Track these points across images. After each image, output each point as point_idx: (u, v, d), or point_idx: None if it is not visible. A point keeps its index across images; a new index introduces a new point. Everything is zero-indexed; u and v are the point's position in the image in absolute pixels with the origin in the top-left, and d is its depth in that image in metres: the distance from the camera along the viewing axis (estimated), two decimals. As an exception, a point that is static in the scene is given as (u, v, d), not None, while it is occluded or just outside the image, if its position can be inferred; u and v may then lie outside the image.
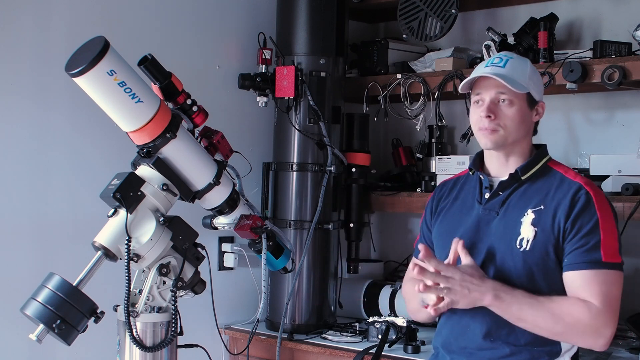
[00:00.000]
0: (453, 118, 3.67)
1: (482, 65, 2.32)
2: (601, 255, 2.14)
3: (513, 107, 2.25)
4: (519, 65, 2.28)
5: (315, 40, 3.41)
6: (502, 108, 2.25)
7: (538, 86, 2.31)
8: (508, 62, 2.27)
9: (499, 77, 2.22)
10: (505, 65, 2.26)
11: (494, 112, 2.24)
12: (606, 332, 2.13)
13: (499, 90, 2.24)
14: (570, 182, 2.23)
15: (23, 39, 2.93)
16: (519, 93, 2.24)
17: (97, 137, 3.05)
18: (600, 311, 2.11)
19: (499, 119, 2.24)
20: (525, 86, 2.25)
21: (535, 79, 2.30)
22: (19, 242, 2.91)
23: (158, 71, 2.26)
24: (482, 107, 2.26)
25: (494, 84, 2.24)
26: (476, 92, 2.30)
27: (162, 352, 2.18)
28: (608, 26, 3.30)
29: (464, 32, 3.70)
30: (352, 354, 3.06)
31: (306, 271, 3.41)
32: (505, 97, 2.25)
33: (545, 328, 2.15)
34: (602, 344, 2.14)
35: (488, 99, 2.26)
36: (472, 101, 2.32)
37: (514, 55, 2.34)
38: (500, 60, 2.28)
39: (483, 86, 2.28)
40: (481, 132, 2.27)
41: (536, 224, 2.20)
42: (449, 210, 2.40)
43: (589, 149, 3.26)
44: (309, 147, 3.41)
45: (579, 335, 2.15)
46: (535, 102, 2.30)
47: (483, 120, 2.25)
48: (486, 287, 2.12)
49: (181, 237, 2.23)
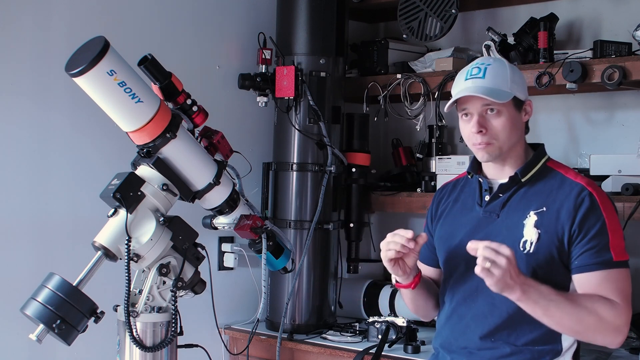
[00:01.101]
0: (453, 118, 3.66)
1: (461, 78, 2.27)
2: (612, 255, 2.14)
3: (502, 116, 2.21)
4: (498, 71, 2.23)
5: (315, 40, 3.41)
6: (491, 119, 2.21)
7: (521, 86, 2.27)
8: (487, 71, 2.22)
9: (482, 90, 2.18)
10: (485, 75, 2.21)
11: (484, 125, 2.21)
12: (625, 330, 2.13)
13: (485, 103, 2.21)
14: (571, 183, 2.22)
15: (23, 39, 2.93)
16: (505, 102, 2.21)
17: (97, 137, 3.05)
18: (622, 308, 2.12)
19: (490, 131, 2.21)
20: (509, 91, 2.21)
21: (517, 79, 2.25)
22: (19, 242, 2.91)
23: (158, 71, 2.26)
24: (472, 122, 2.23)
25: (478, 97, 2.20)
26: (462, 107, 2.25)
27: (162, 352, 2.18)
28: (608, 26, 3.30)
29: (464, 32, 3.70)
30: (352, 354, 3.06)
31: (306, 271, 3.41)
32: (492, 107, 2.21)
33: (569, 326, 2.12)
34: (620, 341, 2.14)
35: (476, 113, 2.22)
36: (459, 114, 2.29)
37: (491, 61, 2.28)
38: (478, 71, 2.23)
39: (468, 101, 2.23)
40: (475, 147, 2.25)
41: (539, 226, 2.19)
42: (449, 213, 2.40)
43: (589, 149, 3.26)
44: (309, 147, 3.41)
45: (600, 333, 2.13)
46: (521, 102, 2.26)
47: (475, 136, 2.22)
48: (520, 279, 2.05)
49: (181, 237, 2.23)
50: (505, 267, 2.00)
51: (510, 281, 2.03)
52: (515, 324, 2.19)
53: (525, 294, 2.07)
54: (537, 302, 2.09)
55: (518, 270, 2.05)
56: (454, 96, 2.26)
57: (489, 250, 2.01)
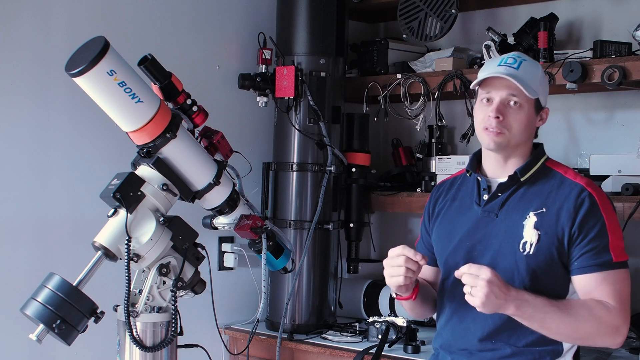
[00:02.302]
0: (453, 118, 3.67)
1: (494, 63, 2.26)
2: (611, 256, 2.14)
3: (522, 110, 2.21)
4: (531, 69, 2.24)
5: (315, 40, 3.42)
6: (510, 110, 2.21)
7: (545, 92, 2.28)
8: (522, 64, 2.22)
9: (514, 78, 2.18)
10: (519, 67, 2.21)
11: (503, 113, 2.20)
12: (624, 330, 2.13)
13: (511, 92, 2.20)
14: (571, 183, 2.22)
15: (23, 39, 2.93)
16: (529, 97, 2.20)
17: (97, 137, 3.05)
18: (618, 310, 2.12)
19: (506, 121, 2.20)
20: (536, 91, 2.21)
21: (544, 85, 2.27)
22: (19, 242, 2.91)
23: (158, 71, 2.26)
24: (492, 106, 2.21)
25: (505, 85, 2.20)
26: (486, 90, 2.24)
27: (162, 352, 2.18)
28: (608, 26, 3.31)
29: (464, 32, 3.70)
30: (352, 354, 3.06)
31: (306, 271, 3.41)
32: (516, 99, 2.20)
33: (567, 334, 2.14)
34: (620, 341, 2.14)
35: (498, 99, 2.21)
36: (478, 99, 2.27)
37: (527, 58, 2.28)
38: (514, 61, 2.23)
39: (494, 85, 2.22)
40: (486, 132, 2.22)
41: (539, 227, 2.18)
42: (447, 212, 2.38)
43: (589, 149, 3.26)
44: (309, 147, 3.41)
45: (600, 336, 2.14)
46: (541, 107, 2.27)
47: (490, 120, 2.20)
48: (510, 296, 2.06)
49: (181, 237, 2.22)
50: (486, 290, 2.01)
51: (497, 300, 2.03)
52: (515, 325, 2.18)
53: (519, 310, 2.08)
54: (532, 316, 2.10)
55: (506, 287, 2.05)
56: (483, 76, 2.23)
57: (468, 276, 2.04)
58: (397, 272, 2.16)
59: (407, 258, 2.14)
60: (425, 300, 2.39)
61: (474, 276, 2.03)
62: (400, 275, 2.15)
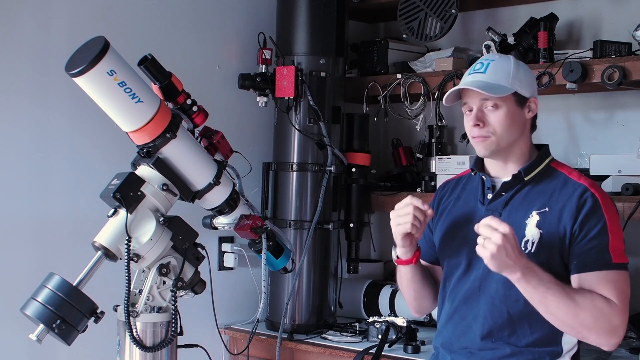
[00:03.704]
0: (453, 118, 3.67)
1: (467, 73, 2.31)
2: (611, 256, 2.14)
3: (499, 110, 2.22)
4: (500, 67, 2.25)
5: (315, 40, 3.42)
6: (489, 114, 2.23)
7: (526, 83, 2.27)
8: (489, 66, 2.25)
9: (478, 84, 2.21)
10: (486, 70, 2.25)
11: (482, 119, 2.23)
12: (621, 332, 2.12)
13: (482, 97, 2.23)
14: (574, 184, 2.22)
15: (23, 39, 2.93)
16: (502, 96, 2.22)
17: (97, 137, 3.05)
18: (619, 308, 2.11)
19: (487, 125, 2.23)
20: (509, 87, 2.22)
21: (521, 76, 2.26)
22: (19, 242, 2.91)
23: (158, 71, 2.26)
24: (471, 115, 2.26)
25: (477, 92, 2.23)
26: (464, 100, 2.29)
27: (162, 352, 2.18)
28: (608, 26, 3.31)
29: (464, 32, 3.70)
30: (352, 354, 3.06)
31: (306, 271, 3.41)
32: (488, 102, 2.23)
33: (565, 319, 2.11)
34: (615, 343, 2.13)
35: (475, 107, 2.25)
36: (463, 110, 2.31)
37: (496, 57, 2.31)
38: (481, 66, 2.27)
39: (468, 95, 2.27)
40: (474, 141, 2.27)
41: (541, 225, 2.19)
42: (451, 210, 2.40)
43: (589, 149, 3.26)
44: (309, 147, 3.42)
45: (596, 331, 2.11)
46: (525, 99, 2.27)
47: (473, 130, 2.25)
48: (521, 261, 2.05)
49: (181, 237, 2.22)
50: (500, 244, 2.00)
51: (507, 259, 2.02)
52: (516, 325, 2.19)
53: (525, 277, 2.06)
54: (536, 287, 2.08)
55: (519, 252, 2.05)
56: (450, 91, 2.29)
57: (486, 227, 2.03)
58: (405, 219, 2.22)
59: (415, 207, 2.21)
60: (426, 281, 2.41)
61: (492, 229, 2.02)
62: (407, 222, 2.21)
